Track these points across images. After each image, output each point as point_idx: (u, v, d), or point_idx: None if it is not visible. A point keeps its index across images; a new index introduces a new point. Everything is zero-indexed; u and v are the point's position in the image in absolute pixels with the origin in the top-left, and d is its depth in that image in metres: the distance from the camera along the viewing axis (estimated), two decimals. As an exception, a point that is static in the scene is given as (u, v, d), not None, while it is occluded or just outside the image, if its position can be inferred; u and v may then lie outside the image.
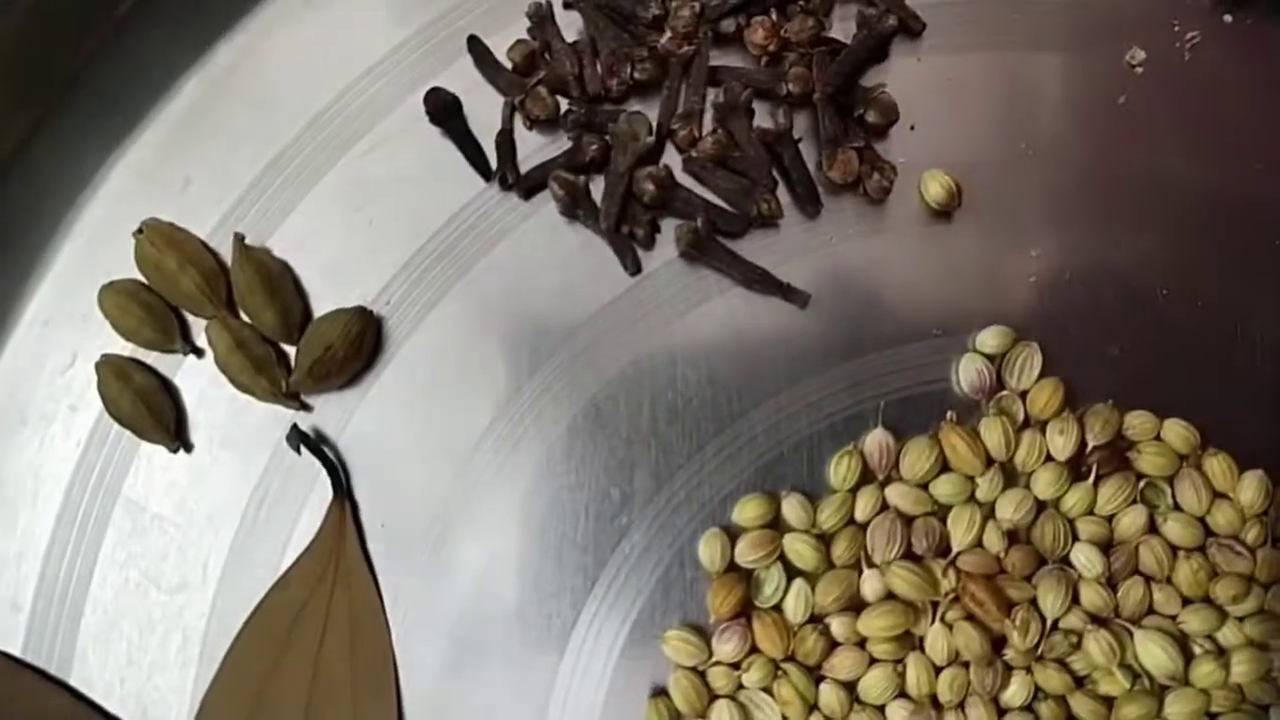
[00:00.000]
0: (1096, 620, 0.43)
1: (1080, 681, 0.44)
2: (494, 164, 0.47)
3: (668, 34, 0.46)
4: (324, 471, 0.45)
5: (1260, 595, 0.44)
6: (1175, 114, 0.47)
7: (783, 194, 0.47)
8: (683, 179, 0.47)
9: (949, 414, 0.45)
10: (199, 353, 0.46)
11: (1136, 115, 0.47)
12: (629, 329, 0.46)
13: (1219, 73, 0.47)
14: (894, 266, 0.46)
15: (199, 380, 0.46)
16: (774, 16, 0.46)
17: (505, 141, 0.47)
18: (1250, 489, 0.44)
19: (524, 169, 0.47)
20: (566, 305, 0.46)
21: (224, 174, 0.47)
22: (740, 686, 0.44)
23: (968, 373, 0.45)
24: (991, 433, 0.44)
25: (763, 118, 0.47)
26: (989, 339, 0.45)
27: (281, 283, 0.46)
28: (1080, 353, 0.46)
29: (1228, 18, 0.48)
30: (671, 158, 0.47)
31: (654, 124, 0.46)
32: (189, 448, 0.46)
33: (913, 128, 0.47)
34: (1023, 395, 0.45)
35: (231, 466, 0.46)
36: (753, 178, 0.46)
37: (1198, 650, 0.44)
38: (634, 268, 0.46)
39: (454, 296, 0.47)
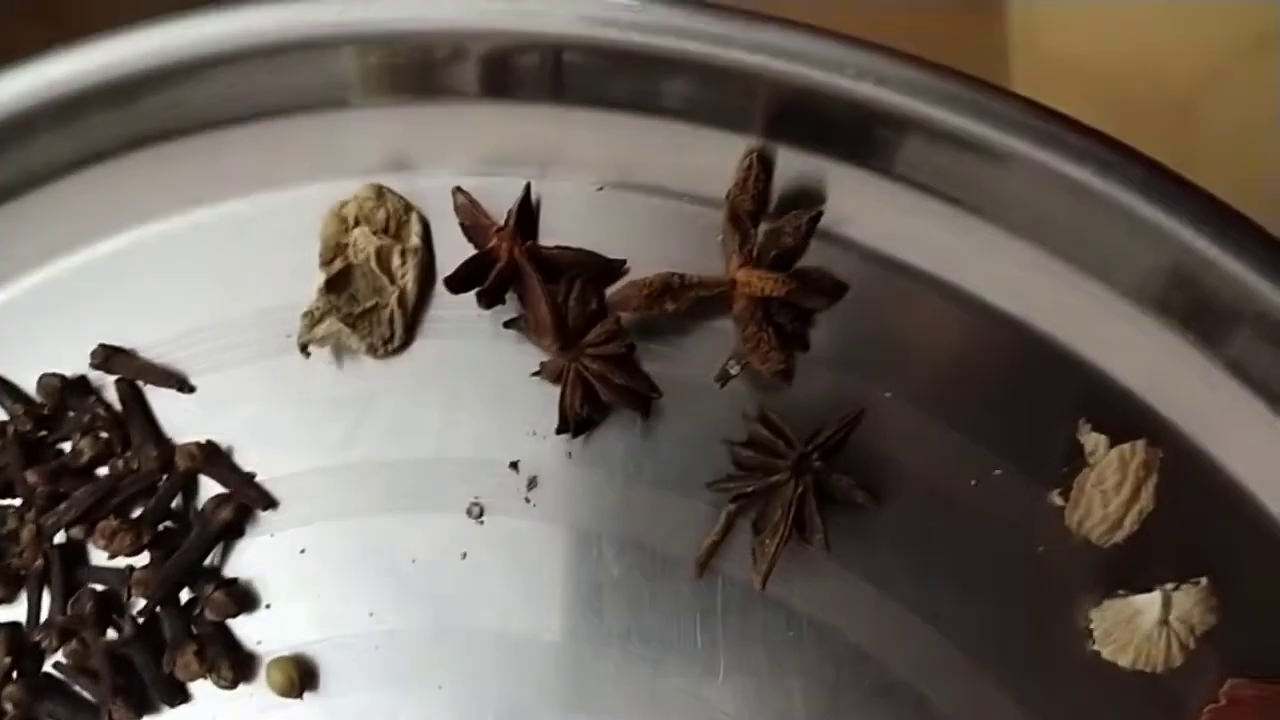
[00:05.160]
0: None
1: None
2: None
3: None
4: None
5: None
6: (515, 566, 0.47)
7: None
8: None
9: None
10: None
11: (480, 569, 0.47)
12: (17, 841, 0.47)
13: (560, 518, 0.47)
14: (250, 759, 0.47)
15: None
16: (114, 521, 0.48)
17: (-113, 669, 0.49)
18: None
19: (-78, 685, 0.49)
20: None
21: None
22: None
23: None
24: None
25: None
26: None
27: None
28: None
29: (569, 453, 0.48)
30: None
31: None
32: None
33: (269, 606, 0.48)
34: None
35: None
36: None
37: None
38: (12, 793, 0.48)
39: None
